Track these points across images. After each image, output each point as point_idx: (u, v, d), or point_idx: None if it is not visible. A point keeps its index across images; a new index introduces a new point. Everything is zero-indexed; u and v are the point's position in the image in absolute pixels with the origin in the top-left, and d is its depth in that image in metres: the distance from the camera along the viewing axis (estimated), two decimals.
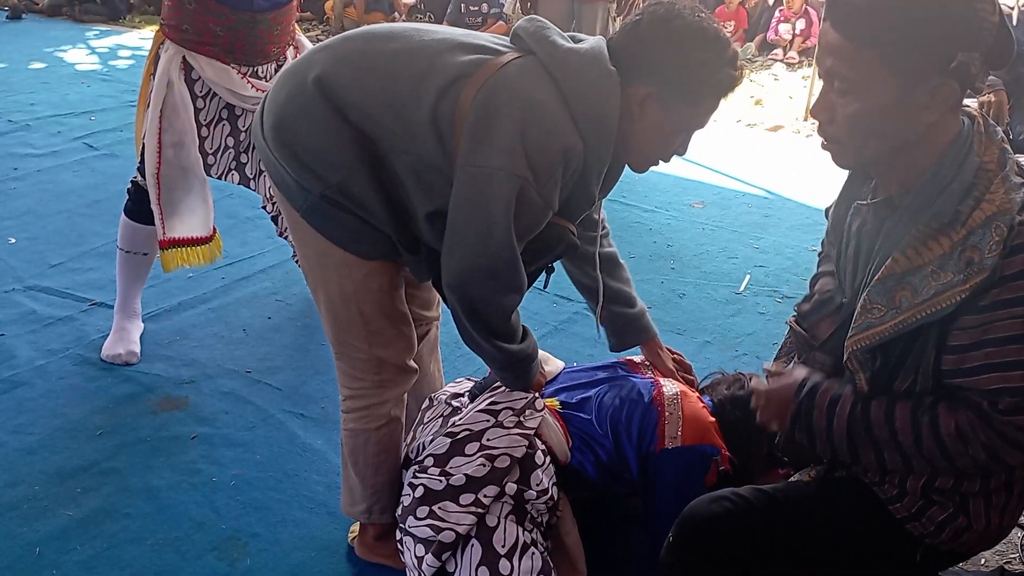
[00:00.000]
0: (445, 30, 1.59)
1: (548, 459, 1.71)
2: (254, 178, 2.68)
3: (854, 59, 1.24)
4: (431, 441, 1.74)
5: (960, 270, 1.23)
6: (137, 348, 2.63)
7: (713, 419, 1.76)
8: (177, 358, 2.64)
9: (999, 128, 1.33)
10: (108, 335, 2.66)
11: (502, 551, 1.61)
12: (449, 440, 1.71)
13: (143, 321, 2.74)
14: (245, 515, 2.03)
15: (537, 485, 1.67)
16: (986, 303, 1.23)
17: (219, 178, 2.59)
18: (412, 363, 1.76)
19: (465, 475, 1.64)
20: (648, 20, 1.49)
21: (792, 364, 1.51)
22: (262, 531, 1.98)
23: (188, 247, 2.52)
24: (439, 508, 1.64)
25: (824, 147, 1.33)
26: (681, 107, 1.52)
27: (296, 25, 2.67)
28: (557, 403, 1.80)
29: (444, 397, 1.91)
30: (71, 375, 2.54)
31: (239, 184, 2.67)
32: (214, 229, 2.60)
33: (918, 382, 1.33)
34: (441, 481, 1.65)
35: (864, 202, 1.43)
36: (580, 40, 1.53)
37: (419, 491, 1.67)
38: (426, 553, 1.63)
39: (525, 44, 1.51)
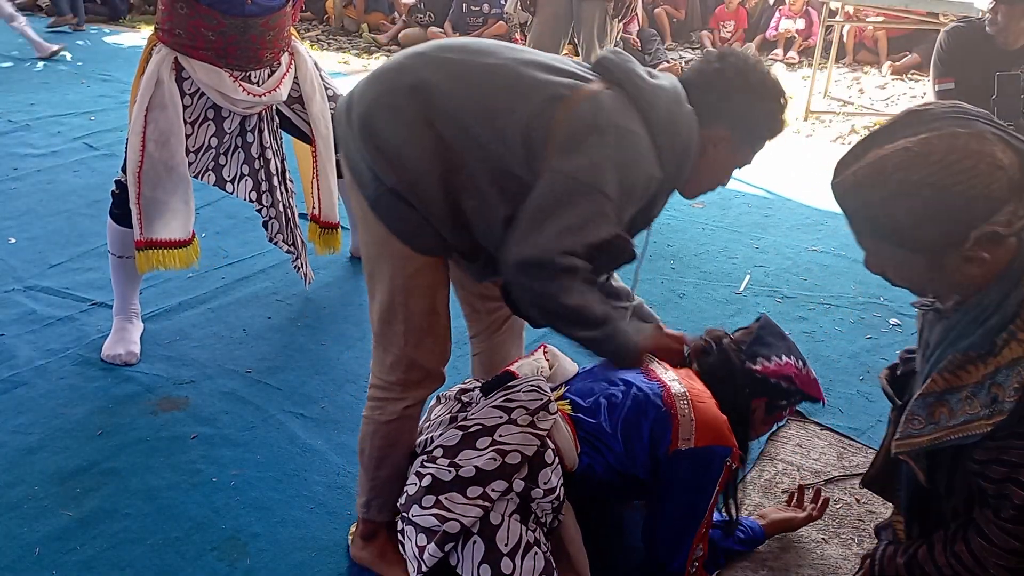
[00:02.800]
0: (532, 51, 1.68)
1: (557, 459, 1.71)
2: (231, 181, 2.66)
3: (877, 248, 1.34)
4: (441, 434, 1.75)
5: (987, 404, 1.30)
6: (137, 348, 2.63)
7: (725, 417, 1.75)
8: (177, 358, 2.64)
9: None
10: (108, 335, 2.66)
11: (505, 550, 1.60)
12: (461, 433, 1.71)
13: (143, 321, 2.74)
14: (245, 515, 2.03)
15: (545, 484, 1.67)
16: (1003, 433, 1.30)
17: (195, 176, 2.55)
18: (442, 371, 1.81)
19: (475, 467, 1.64)
20: (731, 71, 1.66)
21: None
22: (262, 531, 1.99)
23: (164, 249, 2.50)
24: (446, 499, 1.63)
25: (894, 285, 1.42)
26: (745, 148, 1.73)
27: (294, 31, 2.66)
28: (568, 406, 1.80)
29: (453, 393, 1.92)
30: (71, 375, 2.54)
31: (214, 185, 2.65)
32: (193, 233, 2.57)
33: (968, 486, 1.42)
34: (450, 472, 1.65)
35: (918, 304, 1.52)
36: (657, 76, 1.65)
37: (426, 480, 1.67)
38: (428, 543, 1.62)
39: (612, 75, 1.62)
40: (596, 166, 1.52)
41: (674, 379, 1.79)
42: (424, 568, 1.63)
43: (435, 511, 1.63)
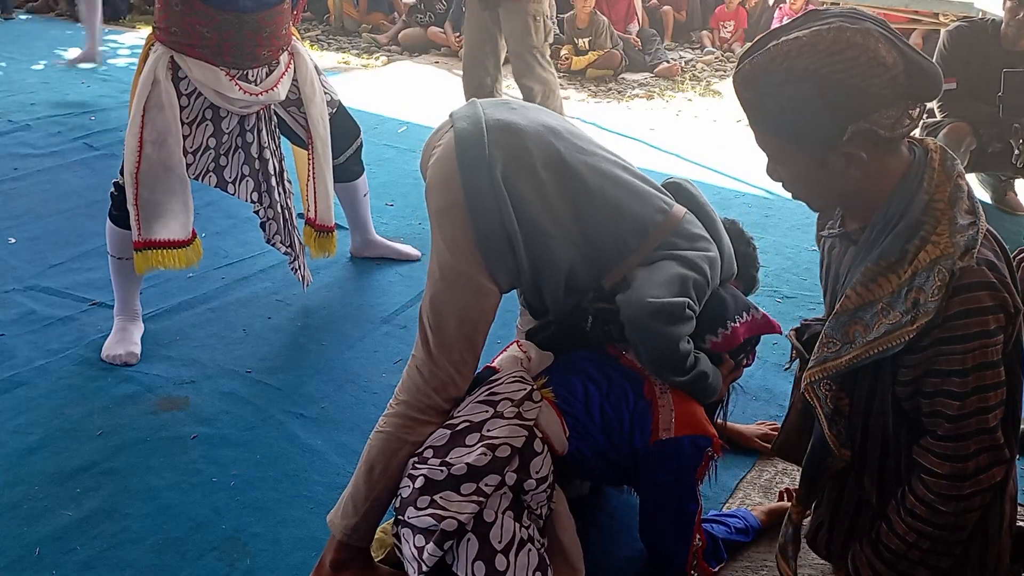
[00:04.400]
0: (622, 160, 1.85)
1: (546, 448, 1.72)
2: (232, 182, 2.65)
3: (766, 141, 1.38)
4: (430, 435, 1.75)
5: (908, 311, 1.32)
6: (137, 349, 2.63)
7: (702, 408, 1.78)
8: (177, 358, 2.64)
9: (957, 161, 1.38)
10: (108, 335, 2.66)
11: (499, 547, 1.61)
12: (449, 432, 1.72)
13: (143, 321, 2.74)
14: (245, 515, 2.03)
15: (536, 473, 1.68)
16: (928, 342, 1.32)
17: (195, 179, 2.54)
18: None
19: (467, 464, 1.64)
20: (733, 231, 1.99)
21: None
22: (262, 531, 1.99)
23: (164, 249, 2.49)
24: (440, 498, 1.64)
25: (793, 198, 1.46)
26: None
27: (294, 31, 2.65)
28: (551, 393, 1.80)
29: None
30: (71, 375, 2.54)
31: (215, 187, 2.63)
32: (193, 232, 2.57)
33: (890, 421, 1.43)
34: (442, 471, 1.66)
35: (825, 233, 1.55)
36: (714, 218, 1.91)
37: (419, 481, 1.67)
38: (427, 543, 1.62)
39: (688, 204, 1.86)
40: (697, 270, 1.74)
41: None
42: (425, 568, 1.63)
43: (431, 511, 1.63)
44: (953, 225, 1.32)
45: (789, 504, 2.01)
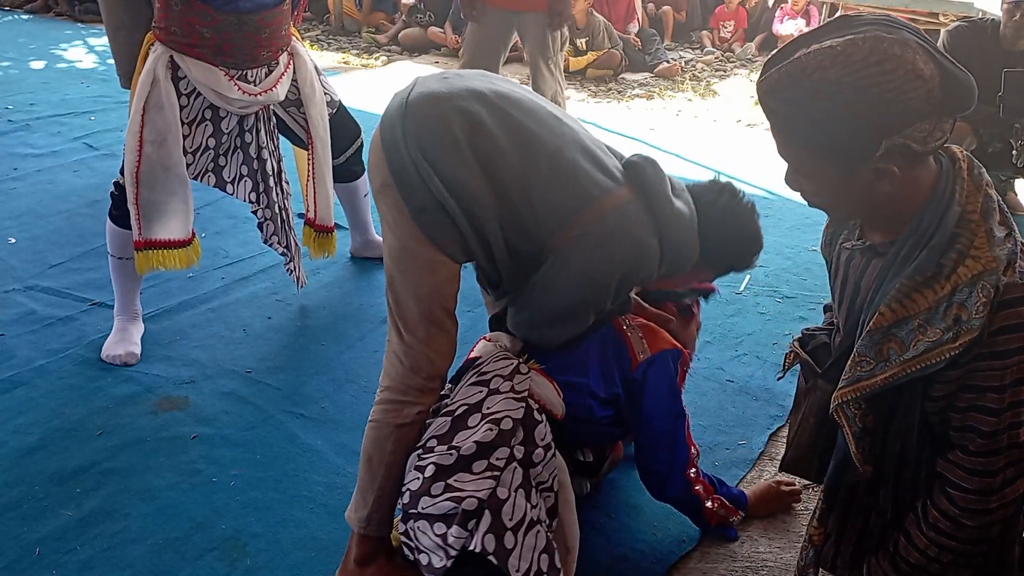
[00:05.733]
0: (575, 126, 1.79)
1: (544, 416, 1.75)
2: (231, 182, 2.65)
3: (791, 151, 1.30)
4: (428, 427, 1.76)
5: (949, 327, 1.26)
6: (137, 349, 2.63)
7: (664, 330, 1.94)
8: (177, 358, 2.64)
9: (984, 170, 1.34)
10: (108, 335, 2.66)
11: (509, 524, 1.61)
12: (449, 418, 1.73)
13: (143, 321, 2.74)
14: (245, 515, 2.03)
15: (541, 441, 1.71)
16: (967, 358, 1.27)
17: (195, 178, 2.55)
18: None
19: (475, 443, 1.65)
20: (734, 226, 1.94)
21: None
22: (262, 531, 1.99)
23: (164, 250, 2.49)
24: (455, 480, 1.64)
25: (811, 206, 1.41)
26: (711, 275, 2.02)
27: (295, 31, 2.65)
28: (537, 364, 1.85)
29: None
30: (71, 375, 2.54)
31: (214, 187, 2.64)
32: (193, 233, 2.57)
33: (912, 434, 1.39)
34: (451, 454, 1.66)
35: (848, 245, 1.48)
36: (679, 195, 1.83)
37: (429, 470, 1.67)
38: (448, 528, 1.62)
39: (642, 188, 1.76)
40: (608, 271, 1.73)
41: None
42: (452, 553, 1.62)
43: (448, 495, 1.63)
44: (991, 238, 1.26)
45: (776, 483, 2.05)
